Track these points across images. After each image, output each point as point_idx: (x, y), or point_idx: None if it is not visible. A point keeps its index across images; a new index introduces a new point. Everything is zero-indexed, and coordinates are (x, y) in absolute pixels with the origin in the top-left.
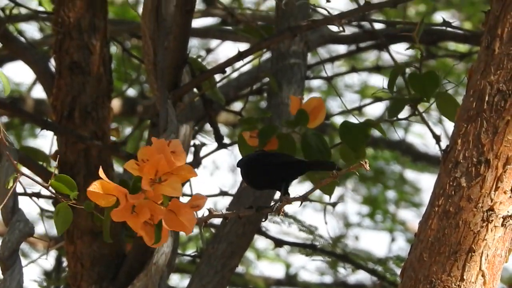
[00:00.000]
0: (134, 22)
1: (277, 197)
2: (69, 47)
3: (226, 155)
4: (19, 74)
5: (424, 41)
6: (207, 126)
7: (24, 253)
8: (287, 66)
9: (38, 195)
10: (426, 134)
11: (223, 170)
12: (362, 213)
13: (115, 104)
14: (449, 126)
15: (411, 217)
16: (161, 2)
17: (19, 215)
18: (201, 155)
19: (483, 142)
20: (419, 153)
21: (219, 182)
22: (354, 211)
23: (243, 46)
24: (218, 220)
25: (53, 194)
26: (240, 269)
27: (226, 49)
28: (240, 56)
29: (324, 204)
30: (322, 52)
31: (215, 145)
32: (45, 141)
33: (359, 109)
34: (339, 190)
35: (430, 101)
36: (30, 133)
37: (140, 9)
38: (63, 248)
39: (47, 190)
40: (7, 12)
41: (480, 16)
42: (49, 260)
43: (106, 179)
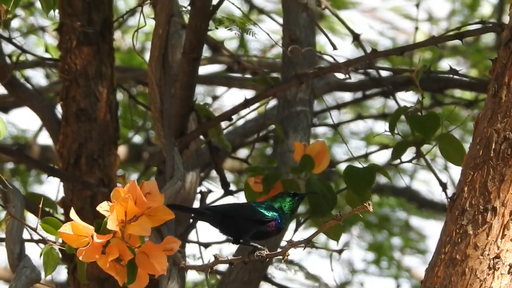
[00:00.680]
0: (140, 69)
1: (283, 244)
2: (76, 94)
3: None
4: (25, 120)
5: (430, 88)
6: (213, 173)
7: None
8: (293, 113)
9: (44, 241)
10: (431, 181)
11: None
12: (368, 260)
13: (121, 150)
14: (455, 173)
15: (416, 264)
16: (168, 50)
17: (26, 261)
18: (208, 202)
19: (490, 189)
20: (425, 200)
21: None
22: (359, 258)
23: (249, 93)
24: (224, 267)
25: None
26: None
27: (232, 96)
28: (246, 103)
29: (330, 251)
30: (327, 99)
31: (221, 192)
32: (51, 187)
33: (365, 157)
34: (345, 236)
35: (431, 142)
36: (36, 179)
37: (146, 56)
38: None
39: (35, 232)
40: (14, 58)
41: (486, 63)
42: None
43: (78, 220)
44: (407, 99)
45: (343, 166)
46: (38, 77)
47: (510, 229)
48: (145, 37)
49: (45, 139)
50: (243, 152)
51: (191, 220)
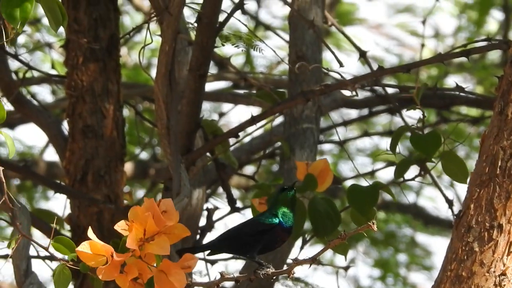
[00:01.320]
0: (147, 86)
1: (289, 261)
2: (82, 111)
3: (238, 219)
4: (31, 137)
5: (436, 105)
6: (220, 190)
7: None
8: (300, 130)
9: (51, 258)
10: (437, 198)
11: None
12: (373, 276)
13: (127, 167)
14: (461, 189)
15: (422, 280)
16: (174, 66)
17: (32, 278)
18: (214, 218)
19: (496, 207)
20: (431, 217)
21: None
22: (365, 274)
23: (256, 110)
24: (230, 284)
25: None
26: None
27: (238, 113)
28: (253, 120)
29: (336, 268)
30: (333, 115)
31: (228, 208)
32: (57, 204)
33: (371, 174)
34: (351, 253)
35: (433, 161)
36: (42, 195)
37: (152, 72)
38: None
39: (46, 250)
40: (20, 75)
41: (492, 80)
42: None
43: (96, 239)
44: (413, 116)
45: (349, 183)
46: (44, 93)
47: None
48: (151, 54)
49: (51, 155)
50: (249, 169)
51: (198, 236)
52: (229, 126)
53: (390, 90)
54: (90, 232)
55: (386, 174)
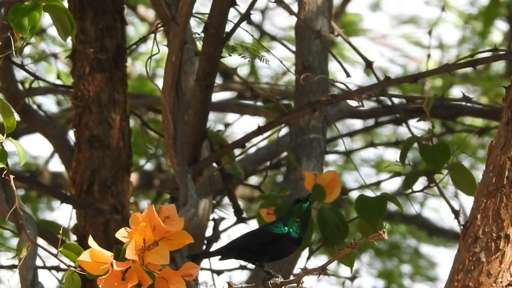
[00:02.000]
0: (152, 96)
1: (297, 270)
2: (89, 121)
3: (244, 229)
4: (36, 147)
5: (442, 115)
6: (225, 200)
7: None
8: (306, 141)
9: (57, 268)
10: (441, 209)
11: None
12: (378, 287)
13: (132, 177)
14: (466, 200)
15: None
16: (181, 76)
17: None
18: (220, 229)
19: (503, 217)
20: (435, 227)
21: None
22: (369, 285)
23: (261, 121)
24: None
25: (61, 265)
26: None
27: (243, 123)
28: (259, 131)
29: (342, 279)
30: (338, 126)
31: (234, 219)
32: (62, 214)
33: (377, 184)
34: (355, 264)
35: (442, 172)
36: (47, 206)
37: (157, 82)
38: None
39: (56, 258)
40: (26, 85)
41: (497, 90)
42: None
43: (97, 247)
44: (419, 126)
45: (354, 194)
46: (49, 103)
47: None
48: (156, 64)
49: (56, 165)
50: (253, 180)
51: (204, 247)
52: (234, 137)
53: (395, 101)
54: (90, 240)
55: (390, 184)
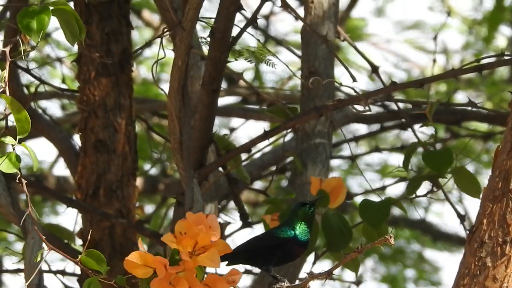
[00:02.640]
0: (157, 100)
1: (303, 275)
2: (95, 125)
3: (249, 234)
4: (41, 151)
5: (447, 120)
6: (231, 205)
7: None
8: (312, 146)
9: (63, 272)
10: (446, 214)
11: None
12: None
13: (137, 182)
14: (470, 205)
15: None
16: (187, 81)
17: None
18: (226, 233)
19: (509, 222)
20: (439, 232)
21: None
22: None
23: (266, 125)
24: None
25: (82, 269)
26: None
27: (248, 128)
28: (265, 135)
29: (348, 283)
30: (344, 131)
31: (240, 223)
32: (67, 219)
33: (382, 189)
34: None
35: (445, 177)
36: (52, 210)
37: (162, 86)
38: None
39: (77, 265)
40: (32, 89)
41: (501, 95)
42: None
43: (144, 250)
44: (424, 131)
45: (358, 199)
46: (53, 108)
47: None
48: (161, 68)
49: (60, 170)
50: (259, 184)
51: None
52: (239, 142)
53: (400, 106)
54: (140, 243)
55: (395, 189)
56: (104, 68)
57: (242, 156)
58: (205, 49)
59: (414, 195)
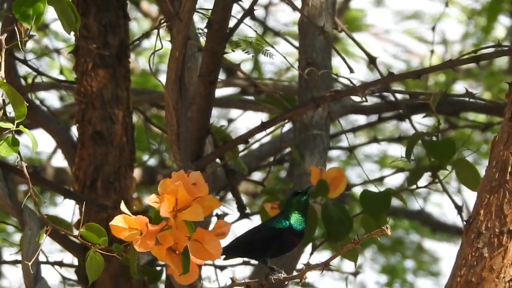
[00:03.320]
0: (155, 92)
1: (300, 266)
2: (92, 117)
3: (247, 225)
4: (39, 143)
5: (445, 111)
6: (228, 196)
7: None
8: (310, 137)
9: (60, 263)
10: (444, 204)
11: None
12: (381, 282)
13: (135, 173)
14: (468, 196)
15: (429, 286)
16: (184, 72)
17: (42, 284)
18: None
19: (506, 212)
20: (438, 223)
21: None
22: (372, 281)
23: (264, 117)
24: None
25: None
26: None
27: (246, 119)
28: (263, 126)
29: (346, 274)
30: (342, 122)
31: (237, 214)
32: (65, 210)
33: (380, 180)
34: (358, 259)
35: (448, 168)
36: (50, 201)
37: (160, 78)
38: None
39: (77, 239)
40: (29, 81)
41: (500, 86)
42: None
43: (129, 213)
44: (422, 122)
45: (357, 190)
46: (51, 99)
47: None
48: (159, 60)
49: (59, 161)
50: (257, 175)
51: None
52: (237, 133)
53: (398, 96)
54: (122, 206)
55: (393, 180)
56: (102, 60)
57: (240, 147)
58: (203, 40)
59: (415, 186)
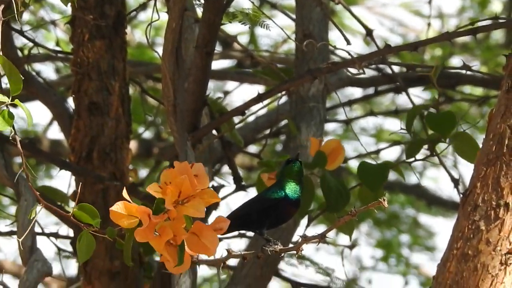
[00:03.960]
0: (152, 64)
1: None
2: (88, 88)
3: (243, 197)
4: (35, 115)
5: (442, 84)
6: (225, 169)
7: None
8: (306, 109)
9: (55, 235)
10: (440, 179)
11: None
12: (376, 257)
13: (131, 146)
14: (465, 171)
15: (425, 261)
16: (181, 44)
17: (37, 255)
18: (220, 196)
19: (502, 185)
20: (434, 197)
21: None
22: (368, 255)
23: (261, 89)
24: (235, 262)
25: (75, 231)
26: None
27: (243, 92)
28: (259, 98)
29: (341, 247)
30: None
31: (233, 187)
32: (61, 183)
33: (376, 153)
34: (354, 234)
35: (445, 141)
36: (46, 174)
37: (157, 49)
38: None
39: (71, 220)
40: (26, 52)
41: (496, 60)
42: None
43: (129, 200)
44: (419, 95)
45: (352, 163)
46: (48, 71)
47: None
48: (155, 32)
49: (55, 133)
50: (253, 149)
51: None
52: (233, 106)
53: (395, 69)
54: (124, 193)
55: (390, 153)
56: (98, 31)
57: (236, 120)
58: (199, 12)
59: (413, 158)
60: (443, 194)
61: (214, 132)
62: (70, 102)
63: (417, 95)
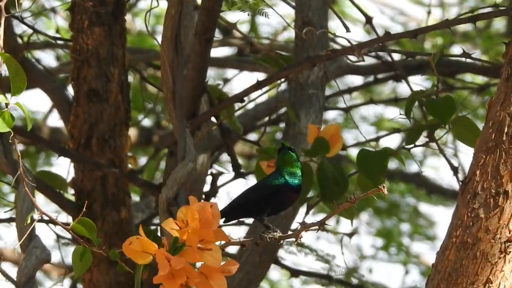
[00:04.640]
0: (151, 51)
1: (295, 225)
2: (87, 75)
3: (241, 185)
4: (35, 102)
5: (442, 72)
6: (224, 156)
7: (38, 281)
8: (305, 96)
9: (54, 222)
10: (440, 167)
11: None
12: (376, 246)
13: (131, 133)
14: (465, 158)
15: (425, 250)
16: (180, 31)
17: (36, 242)
18: (218, 184)
19: (502, 173)
20: (434, 186)
21: None
22: (368, 244)
23: (261, 76)
24: (234, 249)
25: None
26: None
27: (242, 79)
28: (258, 85)
29: (341, 235)
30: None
31: (232, 174)
32: (60, 170)
33: (376, 140)
34: (354, 222)
35: (447, 126)
36: (45, 161)
37: (157, 38)
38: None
39: (69, 233)
40: (25, 39)
41: (497, 49)
42: None
43: (144, 236)
44: (419, 83)
45: (352, 152)
46: (48, 59)
47: None
48: (155, 21)
49: (54, 121)
50: (252, 136)
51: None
52: (233, 93)
53: (395, 57)
54: (140, 230)
55: (389, 141)
56: (98, 18)
57: (235, 107)
58: None
59: (413, 145)
60: (443, 183)
61: (213, 119)
62: (70, 89)
63: (417, 83)
